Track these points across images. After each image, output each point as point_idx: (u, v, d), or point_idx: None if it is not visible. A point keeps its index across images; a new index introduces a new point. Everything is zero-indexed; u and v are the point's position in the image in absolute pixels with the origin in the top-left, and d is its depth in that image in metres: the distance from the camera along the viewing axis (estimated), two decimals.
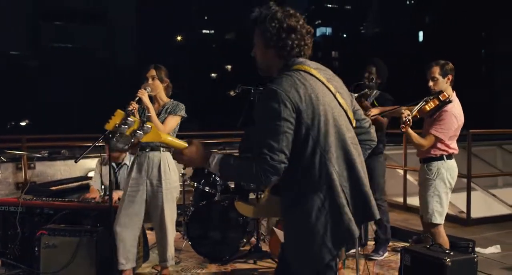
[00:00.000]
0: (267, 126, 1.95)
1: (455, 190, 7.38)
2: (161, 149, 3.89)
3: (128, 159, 4.91)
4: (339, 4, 70.99)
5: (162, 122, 3.81)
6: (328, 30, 68.97)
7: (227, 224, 4.66)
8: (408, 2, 60.12)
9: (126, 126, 2.06)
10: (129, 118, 2.05)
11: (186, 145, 2.09)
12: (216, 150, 6.48)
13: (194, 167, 5.03)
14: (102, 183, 4.91)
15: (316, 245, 1.98)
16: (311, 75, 2.06)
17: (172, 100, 4.02)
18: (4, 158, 4.55)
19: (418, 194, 4.29)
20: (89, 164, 6.29)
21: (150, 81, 3.89)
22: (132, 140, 2.08)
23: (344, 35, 64.09)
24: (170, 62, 65.60)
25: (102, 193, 4.90)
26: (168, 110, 3.90)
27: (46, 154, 4.62)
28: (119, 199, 4.45)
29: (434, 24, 44.84)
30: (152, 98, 3.86)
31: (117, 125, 2.05)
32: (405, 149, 7.04)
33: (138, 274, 4.29)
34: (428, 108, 3.78)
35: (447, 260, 3.26)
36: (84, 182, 5.29)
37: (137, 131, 2.06)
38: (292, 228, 2.06)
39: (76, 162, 3.33)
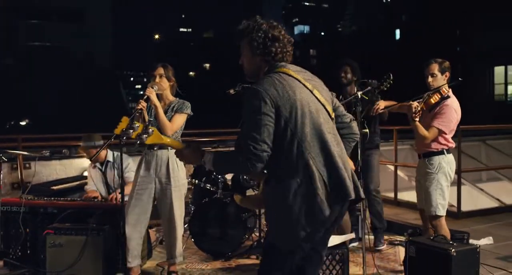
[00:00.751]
0: (250, 120, 2.22)
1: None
2: (169, 147, 3.93)
3: (110, 156, 4.86)
4: (316, 2, 71.40)
5: (169, 120, 3.85)
6: (306, 28, 69.36)
7: (229, 221, 4.72)
8: (384, 1, 60.78)
9: (132, 131, 2.36)
10: (134, 123, 2.27)
11: (184, 145, 2.41)
12: (210, 148, 6.54)
13: (194, 165, 5.17)
14: (95, 185, 4.89)
15: (293, 224, 2.20)
16: (289, 75, 2.34)
17: (177, 98, 4.06)
18: (5, 158, 4.52)
19: (414, 189, 4.45)
20: (86, 163, 6.28)
21: (157, 79, 3.93)
22: (138, 142, 2.36)
23: (322, 33, 64.40)
24: (147, 61, 65.24)
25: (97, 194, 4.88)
26: (175, 108, 3.94)
27: (47, 153, 4.61)
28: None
29: (410, 22, 45.42)
30: (158, 97, 3.89)
31: (124, 130, 2.36)
32: (395, 145, 7.19)
33: (143, 271, 4.32)
34: (433, 101, 4.02)
35: (452, 250, 3.38)
36: (84, 181, 5.28)
37: (142, 135, 2.35)
38: (273, 210, 2.30)
39: (90, 160, 3.34)
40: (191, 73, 62.96)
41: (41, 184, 4.89)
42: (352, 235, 3.46)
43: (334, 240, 3.30)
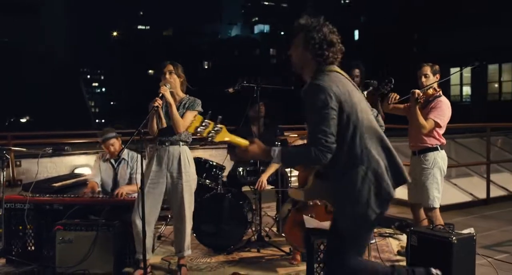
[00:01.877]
0: (319, 115, 2.41)
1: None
2: (181, 143, 4.05)
3: (126, 154, 4.95)
4: (276, 2, 71.98)
5: (181, 117, 3.96)
6: (266, 28, 69.82)
7: (230, 215, 4.86)
8: (342, 1, 61.87)
9: (204, 128, 2.49)
10: (205, 121, 2.39)
11: (248, 143, 2.58)
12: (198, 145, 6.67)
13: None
14: (101, 179, 4.94)
15: (363, 207, 2.45)
16: (342, 75, 2.59)
17: (187, 95, 4.17)
18: (8, 155, 4.51)
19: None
20: (76, 161, 6.30)
21: (167, 75, 4.02)
22: (209, 139, 2.52)
23: (282, 33, 64.96)
24: (107, 59, 64.15)
25: (100, 189, 4.93)
26: (186, 106, 4.06)
27: (50, 150, 4.63)
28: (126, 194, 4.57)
29: (369, 24, 46.49)
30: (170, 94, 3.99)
31: (197, 127, 2.49)
32: None
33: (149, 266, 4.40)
34: (430, 92, 4.38)
35: (453, 238, 3.64)
36: (80, 178, 5.30)
37: (211, 132, 2.49)
38: (342, 197, 2.50)
39: (118, 156, 3.42)
40: (150, 71, 62.23)
41: (42, 181, 4.89)
42: None
43: None
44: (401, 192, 7.41)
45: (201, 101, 4.13)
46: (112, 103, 66.47)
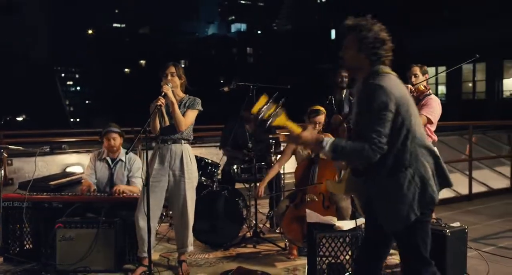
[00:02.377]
0: (377, 115, 2.43)
1: None
2: (183, 141, 4.12)
3: (123, 155, 4.95)
4: (252, 0, 72.11)
5: (183, 116, 4.03)
6: (243, 26, 69.91)
7: (226, 212, 4.95)
8: (319, 1, 62.34)
9: (266, 110, 2.52)
10: (269, 104, 2.50)
11: (301, 130, 2.56)
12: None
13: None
14: (96, 178, 4.93)
15: (405, 209, 2.49)
16: (398, 78, 2.58)
17: (187, 95, 4.24)
18: (6, 154, 4.51)
19: None
20: (67, 160, 6.30)
21: (169, 77, 4.09)
22: (269, 122, 2.51)
23: (259, 32, 65.12)
24: (82, 57, 63.33)
25: (95, 187, 4.93)
26: (187, 105, 4.13)
27: (47, 149, 4.63)
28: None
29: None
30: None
31: (260, 108, 2.52)
32: None
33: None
34: (421, 88, 4.60)
35: (447, 231, 3.81)
36: (75, 177, 5.31)
37: (272, 115, 2.51)
38: (385, 197, 2.54)
39: (126, 153, 3.47)
40: (126, 70, 61.73)
41: (39, 179, 4.88)
42: (363, 220, 3.78)
43: (348, 224, 3.64)
44: None
45: (200, 100, 4.21)
46: (87, 102, 65.68)
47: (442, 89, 28.21)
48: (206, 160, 5.31)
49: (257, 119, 2.50)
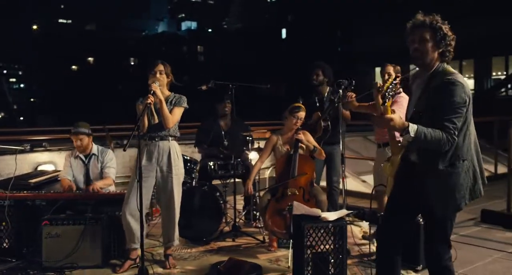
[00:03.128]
0: (456, 110, 2.68)
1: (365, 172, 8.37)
2: (170, 138, 4.23)
3: (96, 150, 5.02)
4: None
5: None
6: (194, 24, 69.53)
7: (206, 207, 5.08)
8: (269, 0, 62.93)
9: (390, 89, 2.75)
10: (394, 83, 2.75)
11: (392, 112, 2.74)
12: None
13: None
14: (73, 176, 4.96)
15: (459, 198, 2.78)
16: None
17: (173, 93, 4.35)
18: None
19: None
20: (38, 158, 6.24)
21: (158, 75, 4.18)
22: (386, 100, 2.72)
23: (209, 30, 65.00)
24: (25, 53, 61.09)
25: (75, 187, 4.95)
26: (173, 102, 4.24)
27: (28, 147, 4.63)
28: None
29: (296, 22, 47.63)
30: None
31: (389, 86, 2.75)
32: None
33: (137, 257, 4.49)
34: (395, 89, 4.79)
35: (420, 220, 4.10)
36: (53, 175, 5.29)
37: (390, 95, 2.75)
38: (442, 185, 2.77)
39: (124, 150, 3.55)
40: (73, 67, 60.12)
41: (18, 177, 4.84)
42: (346, 212, 4.02)
43: (333, 216, 3.86)
44: (353, 185, 7.89)
45: (186, 98, 4.33)
46: (32, 99, 63.48)
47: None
48: (185, 157, 5.41)
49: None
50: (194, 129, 6.30)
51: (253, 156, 5.98)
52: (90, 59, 60.21)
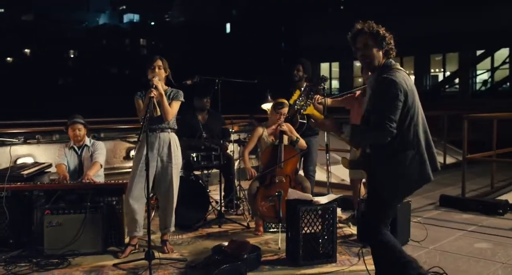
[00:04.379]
0: (389, 105, 2.93)
1: (331, 163, 8.78)
2: (169, 130, 4.47)
3: (88, 141, 5.23)
4: None
5: None
6: (136, 17, 68.26)
7: (194, 196, 5.35)
8: None
9: (299, 102, 3.00)
10: (301, 97, 3.01)
11: (323, 117, 3.17)
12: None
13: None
14: (67, 166, 5.14)
15: (408, 182, 3.07)
16: (406, 73, 3.13)
17: (169, 87, 4.58)
18: None
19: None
20: (18, 151, 6.28)
21: (156, 70, 4.40)
22: (302, 111, 3.04)
23: (152, 23, 64.06)
24: None
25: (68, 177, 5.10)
26: (171, 97, 4.47)
27: (22, 139, 4.73)
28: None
29: (240, 17, 47.95)
30: None
31: (295, 101, 3.02)
32: None
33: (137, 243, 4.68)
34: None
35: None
36: (43, 165, 5.39)
37: (304, 106, 3.01)
38: (389, 172, 3.07)
39: (139, 140, 3.77)
40: (8, 58, 57.59)
41: (10, 169, 4.90)
42: (334, 196, 4.41)
43: (324, 199, 4.25)
44: (320, 175, 8.35)
45: (183, 92, 4.58)
46: None
47: (335, 83, 30.17)
48: None
49: (293, 109, 3.05)
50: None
51: (231, 148, 6.28)
52: (27, 50, 57.95)
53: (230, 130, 6.14)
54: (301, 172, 5.94)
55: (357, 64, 28.02)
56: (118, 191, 4.73)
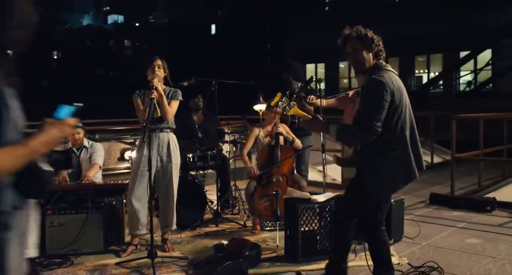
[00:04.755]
0: (376, 105, 3.03)
1: (319, 164, 8.97)
2: (168, 130, 4.56)
3: (87, 143, 5.30)
4: None
5: None
6: (120, 18, 67.95)
7: (193, 196, 5.44)
8: None
9: (282, 103, 3.22)
10: (284, 98, 3.07)
11: (311, 117, 3.25)
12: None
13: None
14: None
15: (393, 179, 3.16)
16: (395, 73, 3.23)
17: (167, 86, 4.65)
18: None
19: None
20: None
21: (156, 69, 4.47)
22: (285, 112, 3.18)
23: (137, 24, 63.85)
24: None
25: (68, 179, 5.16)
26: (170, 96, 4.55)
27: None
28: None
29: (226, 18, 48.03)
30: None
31: (277, 103, 3.25)
32: None
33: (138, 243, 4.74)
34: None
35: (392, 201, 4.70)
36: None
37: (287, 107, 3.17)
38: (375, 169, 3.15)
39: (144, 140, 3.85)
40: None
41: None
42: (331, 194, 4.53)
43: (321, 198, 4.36)
44: (311, 175, 8.45)
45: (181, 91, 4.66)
46: None
47: (322, 84, 30.35)
48: None
49: (275, 111, 3.17)
50: None
51: (227, 148, 6.38)
52: (9, 52, 57.21)
53: (226, 131, 6.23)
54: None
55: (342, 65, 28.32)
56: (118, 192, 4.80)
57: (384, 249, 3.34)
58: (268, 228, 5.28)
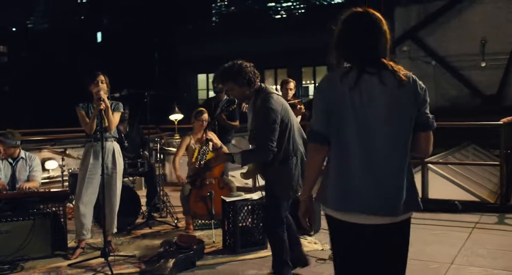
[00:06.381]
0: (269, 128, 3.56)
1: (232, 169, 9.52)
2: (113, 139, 4.87)
3: (24, 154, 5.45)
4: None
5: None
6: None
7: (128, 201, 5.71)
8: (79, 1, 60.75)
9: (200, 157, 4.05)
10: (200, 149, 3.91)
11: (215, 155, 4.11)
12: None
13: None
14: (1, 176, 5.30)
15: (294, 184, 3.70)
16: (277, 95, 3.78)
17: (109, 99, 4.96)
18: None
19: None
20: None
21: (100, 84, 4.77)
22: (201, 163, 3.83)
23: (13, 29, 60.05)
24: None
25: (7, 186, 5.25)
26: (113, 108, 4.86)
27: None
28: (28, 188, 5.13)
29: (112, 26, 47.00)
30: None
31: (197, 158, 3.99)
32: None
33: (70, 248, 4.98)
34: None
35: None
36: None
37: (204, 156, 3.97)
38: (279, 177, 3.69)
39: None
40: None
41: None
42: (261, 194, 5.10)
43: (255, 196, 4.96)
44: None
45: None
46: None
47: (212, 95, 30.97)
48: None
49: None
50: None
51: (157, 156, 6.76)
52: None
53: (156, 139, 6.61)
54: None
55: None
56: (61, 198, 5.02)
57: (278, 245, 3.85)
58: (197, 228, 5.73)
